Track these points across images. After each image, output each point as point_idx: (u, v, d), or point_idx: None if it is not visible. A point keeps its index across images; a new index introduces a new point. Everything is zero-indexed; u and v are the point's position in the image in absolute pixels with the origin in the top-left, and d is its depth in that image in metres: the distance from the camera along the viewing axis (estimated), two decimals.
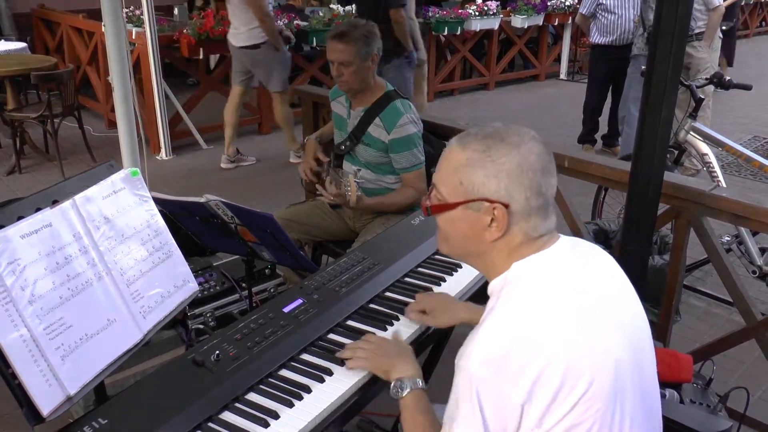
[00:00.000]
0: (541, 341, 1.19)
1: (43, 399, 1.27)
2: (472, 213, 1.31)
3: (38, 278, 1.34)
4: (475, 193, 1.30)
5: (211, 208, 2.19)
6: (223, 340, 1.59)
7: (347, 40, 2.80)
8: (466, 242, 1.37)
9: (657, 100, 1.93)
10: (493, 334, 1.23)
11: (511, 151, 1.28)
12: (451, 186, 1.33)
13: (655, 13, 1.89)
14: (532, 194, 1.29)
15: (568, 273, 1.31)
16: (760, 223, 2.42)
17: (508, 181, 1.27)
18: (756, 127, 7.37)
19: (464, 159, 1.31)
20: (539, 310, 1.24)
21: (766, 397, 2.93)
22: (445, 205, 1.34)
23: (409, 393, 1.48)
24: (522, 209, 1.29)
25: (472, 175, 1.29)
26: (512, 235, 1.32)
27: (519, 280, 1.30)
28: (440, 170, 1.37)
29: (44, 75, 5.46)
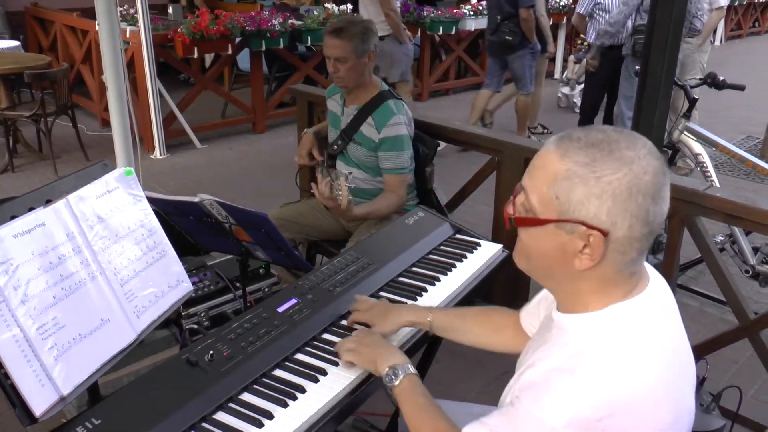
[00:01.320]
0: (636, 411, 1.08)
1: (36, 399, 1.26)
2: (564, 234, 1.13)
3: (31, 278, 1.33)
4: (570, 213, 1.11)
5: (205, 208, 2.19)
6: (217, 339, 1.59)
7: (344, 35, 2.79)
8: (550, 265, 1.19)
9: (651, 101, 1.93)
10: (586, 393, 1.08)
11: (621, 168, 1.08)
12: (545, 198, 1.13)
13: (649, 14, 1.89)
14: (638, 223, 1.10)
15: (660, 330, 1.17)
16: (753, 223, 2.43)
17: (613, 205, 1.08)
18: (748, 127, 7.39)
19: (564, 170, 1.11)
20: (636, 375, 1.09)
21: (759, 396, 2.94)
22: (533, 219, 1.16)
23: (404, 378, 1.45)
24: (622, 239, 1.11)
25: (571, 191, 1.10)
26: (605, 267, 1.14)
27: (616, 330, 1.14)
28: (533, 176, 1.17)
29: (38, 73, 5.44)
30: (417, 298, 1.91)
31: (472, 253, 2.18)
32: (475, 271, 2.09)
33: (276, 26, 6.38)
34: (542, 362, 1.18)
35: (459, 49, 8.59)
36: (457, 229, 2.32)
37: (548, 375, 1.14)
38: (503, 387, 1.35)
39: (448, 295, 1.96)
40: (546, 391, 1.12)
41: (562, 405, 1.09)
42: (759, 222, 2.40)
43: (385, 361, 1.48)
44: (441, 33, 8.11)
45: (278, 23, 6.40)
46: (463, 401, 2.78)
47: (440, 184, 3.24)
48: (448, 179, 3.59)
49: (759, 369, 2.68)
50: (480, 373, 2.98)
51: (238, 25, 6.14)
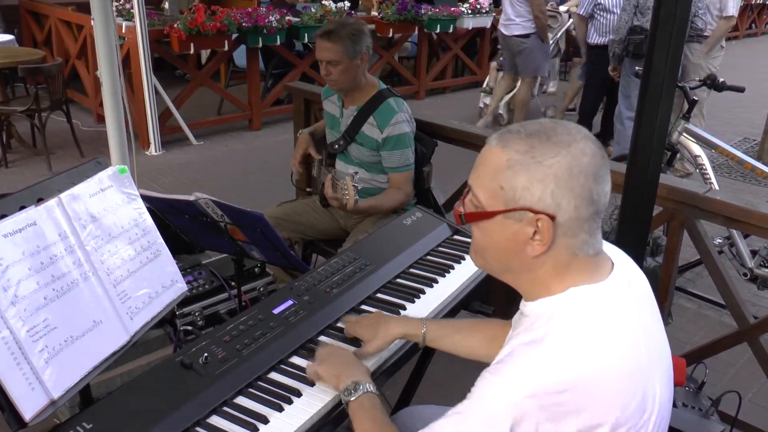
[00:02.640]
0: (599, 390, 1.09)
1: (26, 403, 1.23)
2: (513, 223, 1.15)
3: (22, 279, 1.30)
4: (516, 201, 1.13)
5: (200, 207, 2.16)
6: (211, 341, 1.56)
7: (335, 38, 2.75)
8: (505, 256, 1.21)
9: (654, 102, 1.91)
10: (550, 366, 1.09)
11: (560, 152, 1.12)
12: (490, 191, 1.16)
13: (653, 13, 1.87)
14: (583, 203, 1.12)
15: (627, 316, 1.17)
16: (753, 226, 2.41)
17: (555, 187, 1.11)
18: (746, 129, 7.40)
19: (504, 161, 1.14)
20: (601, 354, 1.10)
21: (757, 400, 2.93)
22: (481, 213, 1.18)
23: (363, 394, 1.40)
24: (570, 221, 1.13)
25: (514, 179, 1.13)
26: (558, 251, 1.16)
27: (577, 311, 1.16)
28: (477, 172, 1.20)
29: (32, 68, 5.40)
30: (414, 301, 1.89)
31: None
32: (474, 272, 2.07)
33: (273, 23, 6.35)
34: (506, 347, 1.19)
35: (456, 47, 8.57)
36: (455, 229, 2.30)
37: (513, 350, 1.15)
38: None
39: (446, 298, 1.94)
40: (510, 363, 1.14)
41: (526, 375, 1.10)
42: (758, 225, 2.39)
43: (347, 377, 1.44)
44: (438, 31, 8.09)
45: (275, 20, 6.36)
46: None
47: (438, 183, 3.22)
48: (446, 179, 3.56)
49: (757, 372, 2.66)
50: (475, 374, 2.95)
51: (234, 21, 6.10)
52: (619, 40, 5.41)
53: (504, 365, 1.14)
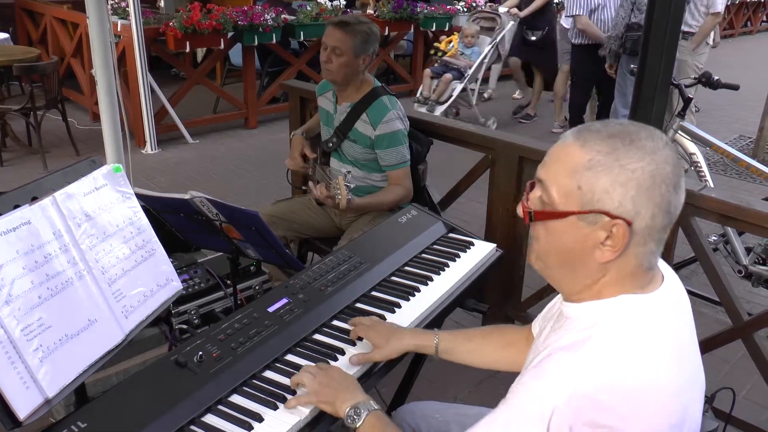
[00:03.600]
0: (640, 402, 1.06)
1: (20, 402, 1.23)
2: (585, 226, 1.11)
3: (16, 278, 1.30)
4: (594, 203, 1.09)
5: (195, 205, 2.16)
6: (206, 340, 1.56)
7: (348, 30, 2.77)
8: (569, 258, 1.16)
9: (648, 99, 1.91)
10: (591, 369, 1.07)
11: (644, 158, 1.07)
12: (565, 189, 1.11)
13: (647, 12, 1.87)
14: (660, 212, 1.08)
15: (670, 331, 1.15)
16: (747, 223, 2.42)
17: (637, 194, 1.07)
18: (741, 127, 7.41)
19: (586, 160, 1.09)
20: (645, 366, 1.07)
21: (751, 397, 2.94)
22: (554, 212, 1.13)
23: (367, 416, 1.36)
24: (644, 230, 1.09)
25: (595, 180, 1.08)
26: (626, 259, 1.12)
27: (625, 318, 1.12)
28: (550, 168, 1.15)
29: (27, 66, 5.39)
30: (409, 299, 1.89)
31: (465, 253, 2.16)
32: (469, 270, 2.07)
33: (269, 21, 6.34)
34: (549, 347, 1.15)
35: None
36: (450, 227, 2.30)
37: (552, 353, 1.12)
38: (495, 386, 1.34)
39: (441, 295, 1.94)
40: (548, 367, 1.10)
41: (564, 380, 1.07)
42: (753, 223, 2.39)
43: (344, 402, 1.39)
44: (434, 29, 8.09)
45: (271, 18, 6.35)
46: (454, 402, 2.77)
47: (433, 181, 3.22)
48: (441, 177, 3.56)
49: (751, 369, 2.67)
50: (472, 372, 2.95)
51: (230, 19, 6.10)
52: (615, 36, 5.42)
53: (542, 369, 1.11)
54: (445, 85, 6.69)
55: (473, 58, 6.89)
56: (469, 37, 6.93)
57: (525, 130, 7.13)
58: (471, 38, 6.94)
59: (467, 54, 6.94)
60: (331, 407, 1.41)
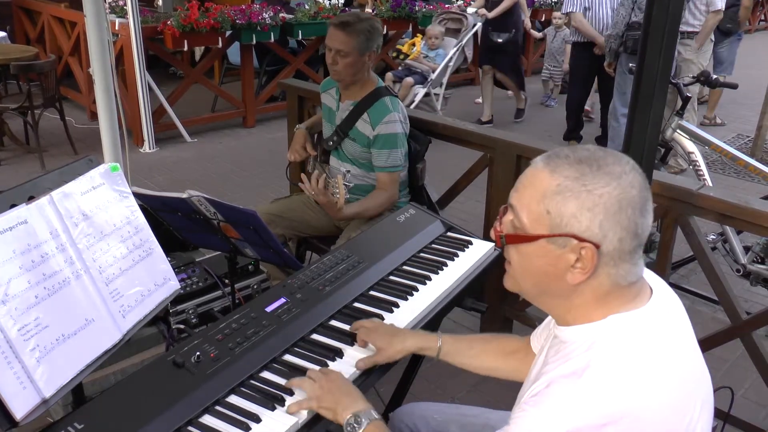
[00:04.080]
0: (644, 424, 1.07)
1: (17, 402, 1.23)
2: (555, 249, 1.14)
3: (12, 277, 1.30)
4: (562, 227, 1.12)
5: (193, 204, 2.15)
6: (204, 340, 1.55)
7: (350, 30, 2.76)
8: (543, 281, 1.19)
9: (647, 99, 1.91)
10: (592, 400, 1.07)
11: (611, 182, 1.10)
12: (535, 214, 1.14)
13: (645, 10, 1.87)
14: (628, 236, 1.11)
15: (667, 343, 1.16)
16: (746, 222, 2.42)
17: (604, 218, 1.10)
18: (739, 126, 7.41)
19: (554, 185, 1.12)
20: (646, 387, 1.08)
21: (749, 396, 2.94)
22: (525, 236, 1.16)
23: (369, 425, 1.36)
24: (613, 252, 1.12)
25: (563, 205, 1.11)
26: (598, 280, 1.15)
27: (619, 339, 1.13)
28: (521, 192, 1.18)
29: (24, 65, 5.38)
30: (408, 298, 1.89)
31: (463, 252, 2.15)
32: (467, 269, 2.07)
33: (267, 20, 6.33)
34: (547, 374, 1.16)
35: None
36: (448, 226, 2.30)
37: (553, 381, 1.13)
38: (493, 386, 1.34)
39: (440, 295, 1.93)
40: (549, 396, 1.11)
41: (567, 409, 1.07)
42: (751, 222, 2.39)
43: (345, 409, 1.39)
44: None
45: (269, 17, 6.35)
46: (452, 402, 2.77)
47: (431, 180, 3.22)
48: (440, 176, 3.56)
49: (749, 368, 2.67)
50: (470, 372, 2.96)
51: (228, 18, 6.09)
52: (615, 35, 5.41)
53: (543, 397, 1.12)
54: (406, 89, 6.46)
55: (437, 61, 6.60)
56: (434, 39, 6.65)
57: (526, 129, 7.12)
58: (435, 40, 6.66)
59: (431, 57, 6.65)
60: (332, 414, 1.41)
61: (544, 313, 1.55)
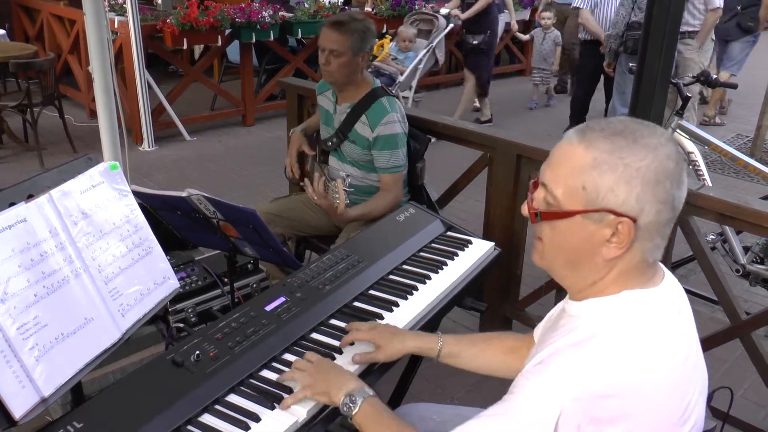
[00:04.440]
0: (647, 398, 1.08)
1: (16, 401, 1.23)
2: (591, 224, 1.12)
3: (11, 276, 1.29)
4: (599, 202, 1.10)
5: (192, 203, 2.15)
6: (203, 339, 1.55)
7: (344, 30, 2.74)
8: (576, 256, 1.18)
9: (647, 98, 1.91)
10: (598, 370, 1.08)
11: (647, 155, 1.09)
12: (570, 189, 1.12)
13: (646, 11, 1.87)
14: (665, 208, 1.10)
15: (673, 325, 1.17)
16: (746, 222, 2.41)
17: (641, 191, 1.08)
18: (739, 126, 7.41)
19: (590, 159, 1.10)
20: (653, 361, 1.09)
21: (748, 396, 2.94)
22: (559, 212, 1.14)
23: (363, 402, 1.37)
24: (650, 225, 1.11)
25: (600, 179, 1.09)
26: (631, 255, 1.14)
27: (628, 314, 1.14)
28: (555, 168, 1.16)
29: (24, 63, 5.37)
30: (407, 297, 1.88)
31: (463, 251, 2.15)
32: (467, 269, 2.07)
33: (266, 18, 6.32)
34: (552, 344, 1.16)
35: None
36: (448, 226, 2.30)
37: (557, 350, 1.13)
38: (492, 386, 1.33)
39: (440, 294, 1.93)
40: (555, 364, 1.11)
41: (572, 377, 1.08)
42: (751, 222, 2.39)
43: (339, 390, 1.39)
44: None
45: (268, 15, 6.34)
46: (451, 402, 2.77)
47: (431, 179, 3.21)
48: (439, 175, 3.56)
49: (749, 368, 2.67)
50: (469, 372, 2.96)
51: (227, 16, 6.08)
52: (615, 35, 5.41)
53: (547, 366, 1.12)
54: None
55: (406, 64, 6.28)
56: (407, 42, 6.30)
57: (526, 128, 7.12)
58: (408, 43, 6.31)
59: (400, 59, 6.33)
60: (326, 397, 1.41)
61: (543, 313, 1.55)
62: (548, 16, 7.57)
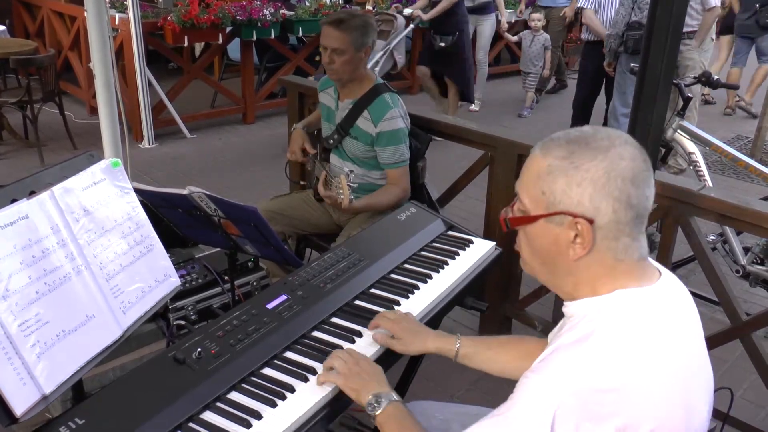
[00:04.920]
0: (643, 394, 1.09)
1: (17, 399, 1.22)
2: (555, 227, 1.18)
3: (13, 272, 1.29)
4: (556, 205, 1.17)
5: (194, 200, 2.15)
6: (205, 337, 1.55)
7: (344, 27, 2.75)
8: (549, 260, 1.24)
9: (649, 99, 1.91)
10: (596, 366, 1.10)
11: (596, 156, 1.14)
12: (533, 196, 1.20)
13: (649, 11, 1.86)
14: (621, 206, 1.14)
15: (671, 325, 1.19)
16: (746, 223, 2.42)
17: (593, 191, 1.13)
18: (739, 126, 7.41)
19: (545, 166, 1.17)
20: (651, 357, 1.12)
21: (748, 396, 2.94)
22: (524, 217, 1.22)
23: (387, 405, 1.40)
24: (610, 224, 1.15)
25: (553, 184, 1.16)
26: (600, 254, 1.18)
27: (625, 311, 1.17)
28: (522, 178, 1.24)
29: (24, 59, 5.37)
30: (409, 296, 1.88)
31: (464, 250, 2.15)
32: (468, 268, 2.06)
33: (267, 16, 6.31)
34: (553, 344, 1.19)
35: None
36: (449, 225, 2.29)
37: (557, 348, 1.15)
38: (493, 384, 1.34)
39: (441, 293, 1.93)
40: (553, 363, 1.14)
41: (568, 375, 1.10)
42: (751, 222, 2.39)
43: (369, 390, 1.43)
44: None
45: (269, 13, 6.33)
46: (452, 399, 2.77)
47: (431, 178, 3.21)
48: (440, 174, 3.56)
49: (748, 369, 2.67)
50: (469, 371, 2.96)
51: (228, 14, 6.08)
52: (615, 35, 5.41)
53: (546, 363, 1.15)
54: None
55: None
56: None
57: (527, 128, 7.12)
58: None
59: None
60: (356, 394, 1.44)
61: (543, 312, 1.55)
62: (538, 18, 7.40)
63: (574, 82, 7.07)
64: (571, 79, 8.24)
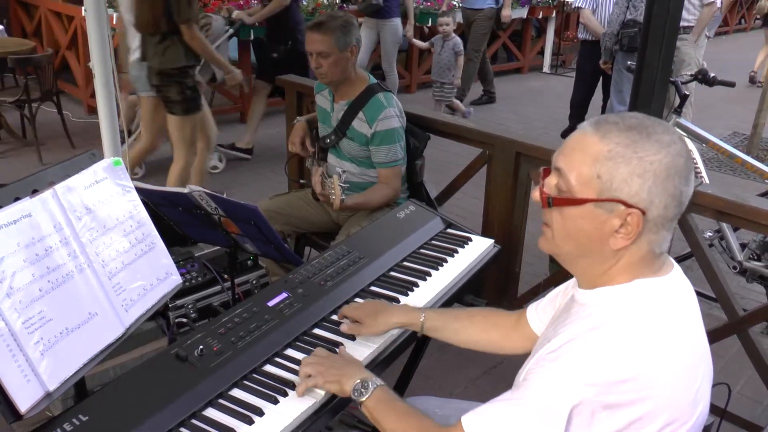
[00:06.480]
0: (661, 383, 1.11)
1: (21, 395, 1.23)
2: (601, 213, 1.16)
3: (17, 270, 1.30)
4: (612, 192, 1.14)
5: (194, 199, 2.16)
6: (206, 334, 1.56)
7: (324, 30, 2.76)
8: (585, 244, 1.21)
9: (646, 96, 1.92)
10: (614, 356, 1.11)
11: (660, 151, 1.13)
12: (584, 177, 1.16)
13: (646, 8, 1.88)
14: (672, 203, 1.15)
15: (683, 314, 1.21)
16: (743, 219, 2.43)
17: (653, 185, 1.13)
18: (735, 123, 7.43)
19: (606, 150, 1.14)
20: (666, 347, 1.13)
21: (744, 392, 2.96)
22: (571, 199, 1.18)
23: (375, 389, 1.40)
24: (657, 219, 1.15)
25: (615, 170, 1.13)
26: (638, 246, 1.18)
27: (641, 301, 1.18)
28: (569, 156, 1.19)
29: (21, 59, 5.36)
30: (408, 294, 1.90)
31: (463, 248, 2.16)
32: (467, 266, 2.08)
33: None
34: (566, 332, 1.19)
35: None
36: (448, 223, 2.31)
37: (573, 337, 1.16)
38: (492, 380, 1.35)
39: (440, 291, 1.95)
40: (570, 350, 1.14)
41: (587, 363, 1.11)
42: (748, 219, 2.41)
43: (350, 378, 1.43)
44: (430, 24, 8.07)
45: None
46: (450, 397, 2.78)
47: (430, 177, 3.22)
48: (438, 172, 3.57)
49: (745, 365, 2.69)
50: (469, 366, 2.97)
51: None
52: (611, 33, 5.42)
53: (563, 353, 1.15)
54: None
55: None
56: None
57: (523, 126, 7.13)
58: None
59: None
60: (337, 386, 1.44)
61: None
62: (446, 22, 6.55)
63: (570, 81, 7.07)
64: (569, 77, 8.25)
